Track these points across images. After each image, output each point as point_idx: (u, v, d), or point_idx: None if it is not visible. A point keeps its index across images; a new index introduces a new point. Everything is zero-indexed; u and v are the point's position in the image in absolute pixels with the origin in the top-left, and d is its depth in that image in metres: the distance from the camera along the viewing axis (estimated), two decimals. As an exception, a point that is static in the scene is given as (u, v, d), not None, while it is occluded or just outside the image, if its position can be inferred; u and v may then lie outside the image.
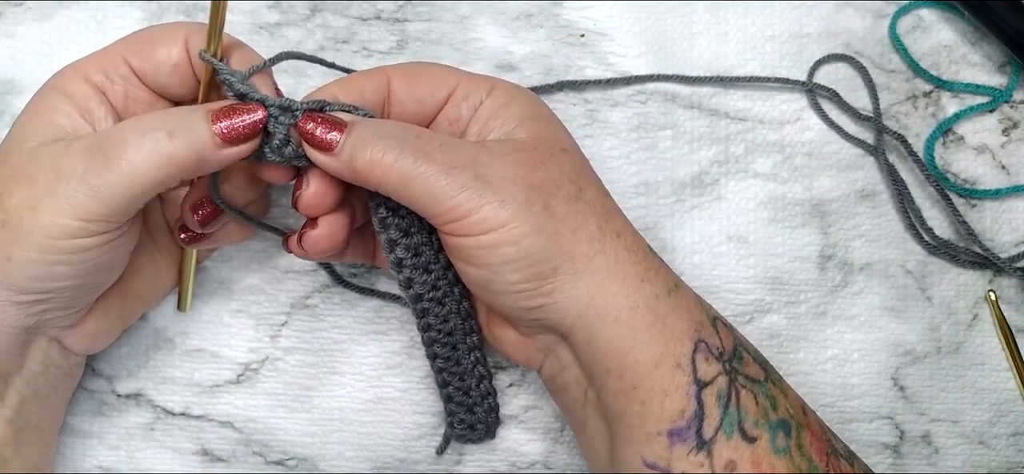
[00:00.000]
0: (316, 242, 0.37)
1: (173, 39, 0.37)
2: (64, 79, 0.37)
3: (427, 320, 0.40)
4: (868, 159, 0.48)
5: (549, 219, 0.35)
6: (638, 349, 0.35)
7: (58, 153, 0.34)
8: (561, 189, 0.35)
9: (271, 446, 0.45)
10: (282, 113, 0.35)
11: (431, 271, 0.38)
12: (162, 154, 0.34)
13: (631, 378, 0.35)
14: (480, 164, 0.34)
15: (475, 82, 0.38)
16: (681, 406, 0.34)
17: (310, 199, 0.36)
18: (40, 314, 0.36)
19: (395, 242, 0.37)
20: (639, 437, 0.35)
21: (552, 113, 0.39)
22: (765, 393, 0.36)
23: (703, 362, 0.35)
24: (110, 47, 0.38)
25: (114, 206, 0.34)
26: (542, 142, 0.37)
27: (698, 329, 0.36)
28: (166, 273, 0.43)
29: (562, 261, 0.35)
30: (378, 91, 0.38)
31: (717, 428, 0.34)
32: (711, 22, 0.48)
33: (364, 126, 0.35)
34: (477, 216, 0.34)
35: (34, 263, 0.34)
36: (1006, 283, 0.47)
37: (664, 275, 0.37)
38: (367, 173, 0.34)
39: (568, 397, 0.38)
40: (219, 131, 0.34)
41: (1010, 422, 0.46)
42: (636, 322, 0.35)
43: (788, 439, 0.35)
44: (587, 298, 0.35)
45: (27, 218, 0.33)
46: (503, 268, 0.35)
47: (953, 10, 0.49)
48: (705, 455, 0.34)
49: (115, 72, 0.37)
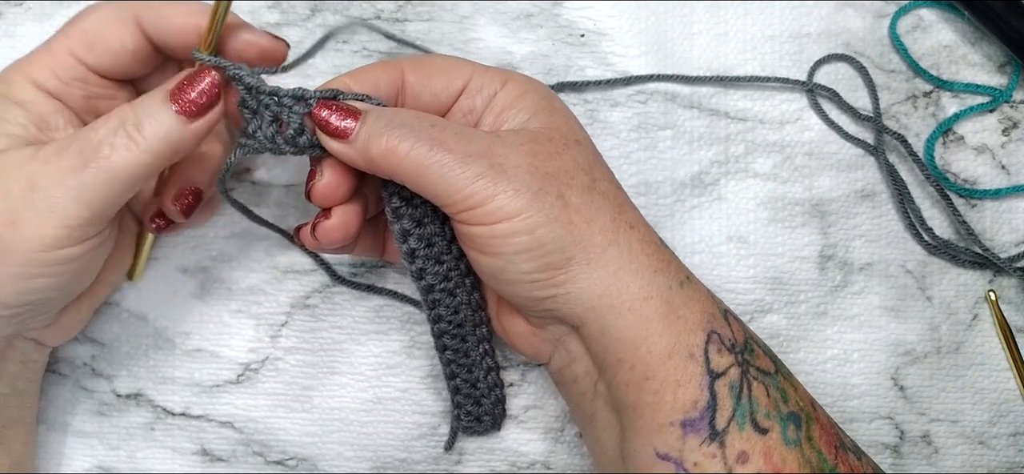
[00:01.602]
0: (329, 232, 0.37)
1: (122, 21, 0.36)
2: (12, 86, 0.35)
3: (438, 311, 0.40)
4: (868, 159, 0.48)
5: (563, 209, 0.35)
6: (651, 340, 0.35)
7: (24, 161, 0.33)
8: (575, 179, 0.36)
9: (271, 446, 0.45)
10: (296, 102, 0.35)
11: (443, 262, 0.38)
12: (138, 148, 0.33)
13: (643, 369, 0.35)
14: (495, 153, 0.34)
15: (489, 74, 0.38)
16: (694, 397, 0.34)
17: (323, 189, 0.36)
18: (20, 323, 0.36)
19: (408, 232, 0.37)
20: (651, 428, 0.35)
21: (564, 105, 0.39)
22: (776, 386, 0.36)
23: (716, 353, 0.35)
24: (54, 43, 0.36)
25: (97, 209, 0.33)
26: (556, 133, 0.37)
27: (710, 321, 0.36)
28: (127, 252, 0.42)
29: (576, 251, 0.35)
30: (392, 83, 0.37)
31: (730, 419, 0.34)
32: (711, 22, 0.48)
33: (379, 114, 0.35)
34: (492, 205, 0.34)
35: (16, 278, 0.33)
36: (1006, 283, 0.47)
37: (676, 267, 0.37)
38: (382, 161, 0.34)
39: (577, 390, 0.38)
40: (180, 109, 0.34)
41: (1010, 422, 0.46)
42: (649, 313, 0.35)
43: (798, 431, 0.35)
44: (600, 288, 0.35)
45: (7, 234, 0.32)
46: (517, 257, 0.35)
47: (953, 10, 0.49)
48: (718, 446, 0.34)
49: (68, 74, 0.36)
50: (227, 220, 0.46)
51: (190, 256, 0.46)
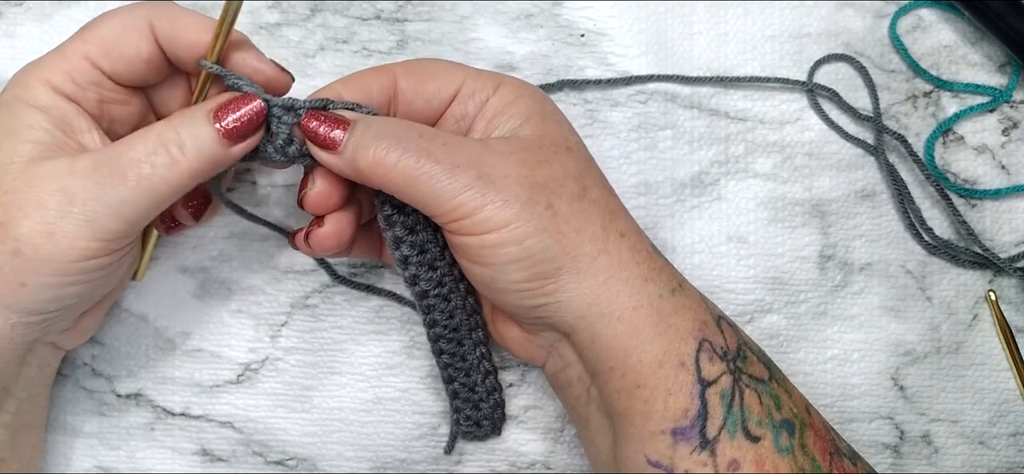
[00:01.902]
0: (322, 240, 0.37)
1: (137, 29, 0.36)
2: (30, 91, 0.35)
3: (433, 317, 0.40)
4: (868, 159, 0.48)
5: (553, 218, 0.35)
6: (641, 348, 0.35)
7: (61, 173, 0.33)
8: (565, 188, 0.35)
9: (271, 446, 0.45)
10: (285, 112, 0.35)
11: (436, 268, 0.38)
12: (179, 168, 0.33)
13: (634, 377, 0.35)
14: (484, 163, 0.34)
15: (482, 79, 0.38)
16: (685, 405, 0.34)
17: (315, 198, 0.37)
18: (45, 329, 0.36)
19: (400, 240, 0.37)
20: (642, 435, 0.35)
21: (558, 110, 0.39)
22: (769, 393, 0.36)
23: (707, 361, 0.35)
24: (69, 47, 0.36)
25: (133, 223, 0.34)
26: (547, 140, 0.37)
27: (702, 328, 0.36)
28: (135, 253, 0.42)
29: (565, 261, 0.35)
30: (384, 89, 0.37)
31: (721, 427, 0.34)
32: (711, 22, 0.48)
33: (367, 125, 0.35)
34: (480, 215, 0.34)
35: (50, 286, 0.34)
36: (1006, 283, 0.47)
37: (668, 274, 0.37)
38: (370, 173, 0.34)
39: (571, 394, 0.39)
40: (223, 129, 0.34)
41: (1010, 422, 0.46)
42: (639, 321, 0.35)
43: (792, 439, 0.35)
44: (590, 297, 0.35)
45: (44, 245, 0.33)
46: (506, 267, 0.35)
47: (953, 10, 0.49)
48: (708, 454, 0.34)
49: (84, 78, 0.35)
50: (227, 220, 0.46)
51: (190, 256, 0.46)
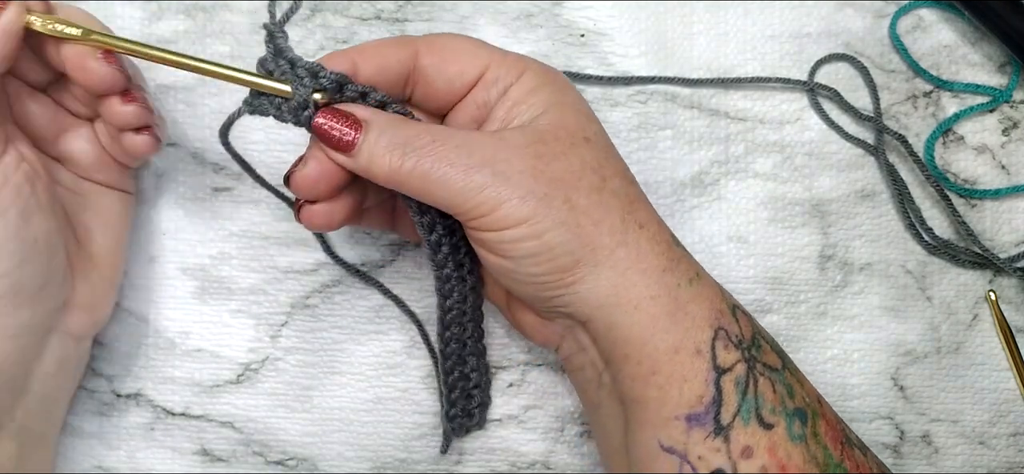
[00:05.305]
0: (312, 217, 0.37)
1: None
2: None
3: (451, 300, 0.40)
4: (868, 159, 0.48)
5: (570, 212, 0.34)
6: (658, 336, 0.35)
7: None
8: (583, 180, 0.35)
9: (271, 446, 0.45)
10: (308, 75, 0.34)
11: (459, 249, 0.39)
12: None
13: (649, 364, 0.35)
14: (499, 161, 0.34)
15: (506, 64, 0.37)
16: (699, 392, 0.34)
17: (302, 180, 0.36)
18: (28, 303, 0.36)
19: (433, 224, 0.38)
20: (656, 421, 0.35)
21: (579, 98, 0.38)
22: (782, 381, 0.36)
23: (722, 349, 0.35)
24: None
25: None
26: (564, 132, 0.36)
27: (718, 317, 0.36)
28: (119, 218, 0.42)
29: (584, 253, 0.35)
30: (403, 63, 0.37)
31: (735, 414, 0.34)
32: (711, 22, 0.48)
33: (381, 130, 0.34)
34: (499, 213, 0.34)
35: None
36: (1006, 283, 0.47)
37: (686, 264, 0.37)
38: (387, 181, 0.34)
39: (583, 377, 0.39)
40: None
41: (1010, 422, 0.46)
42: (657, 311, 0.35)
43: (804, 427, 0.35)
44: (608, 288, 0.35)
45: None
46: (525, 261, 0.35)
47: (953, 10, 0.49)
48: (722, 440, 0.34)
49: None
50: (227, 220, 0.46)
51: (190, 256, 0.46)
